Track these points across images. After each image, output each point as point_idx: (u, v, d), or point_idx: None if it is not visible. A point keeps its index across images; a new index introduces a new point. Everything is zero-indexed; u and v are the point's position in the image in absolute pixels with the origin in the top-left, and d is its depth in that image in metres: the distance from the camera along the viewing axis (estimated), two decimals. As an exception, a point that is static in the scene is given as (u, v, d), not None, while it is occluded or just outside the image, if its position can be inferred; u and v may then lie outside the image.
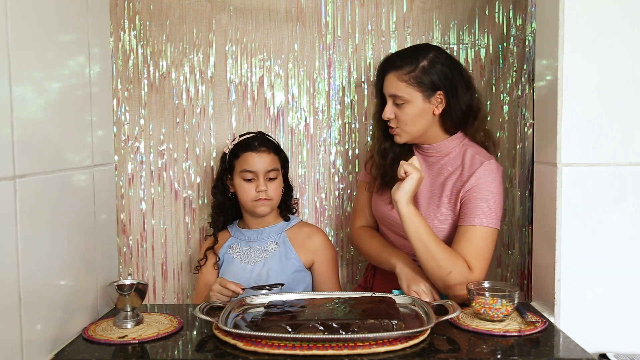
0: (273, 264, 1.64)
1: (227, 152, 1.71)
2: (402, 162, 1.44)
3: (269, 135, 1.74)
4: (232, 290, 1.44)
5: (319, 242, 1.71)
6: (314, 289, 1.70)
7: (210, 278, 1.68)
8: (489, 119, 1.87)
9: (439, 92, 1.50)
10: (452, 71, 1.51)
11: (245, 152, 1.65)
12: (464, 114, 1.54)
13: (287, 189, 1.76)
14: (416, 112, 1.51)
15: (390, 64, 1.53)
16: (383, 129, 1.60)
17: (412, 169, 1.42)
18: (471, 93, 1.55)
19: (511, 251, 1.94)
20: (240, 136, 1.72)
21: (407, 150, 1.60)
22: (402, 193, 1.41)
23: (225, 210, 1.73)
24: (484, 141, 1.59)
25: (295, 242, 1.69)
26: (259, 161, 1.63)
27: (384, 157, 1.60)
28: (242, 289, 1.45)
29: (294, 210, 1.81)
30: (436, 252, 1.41)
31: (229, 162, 1.69)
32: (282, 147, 1.77)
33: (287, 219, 1.74)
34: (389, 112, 1.53)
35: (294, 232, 1.72)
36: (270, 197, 1.64)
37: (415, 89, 1.49)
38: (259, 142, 1.66)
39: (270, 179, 1.65)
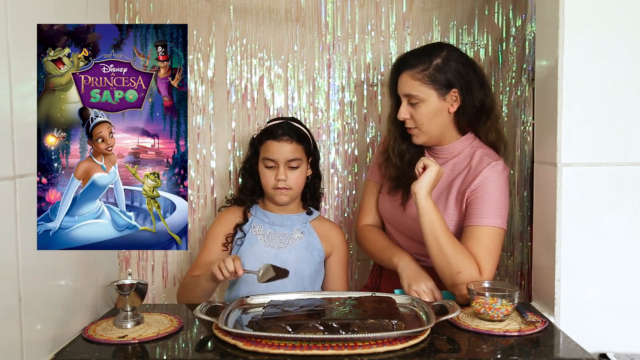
0: (300, 253, 1.64)
1: (254, 137, 1.70)
2: (422, 157, 1.45)
3: (298, 122, 1.69)
4: (234, 272, 1.40)
5: (339, 238, 1.72)
6: (323, 285, 1.70)
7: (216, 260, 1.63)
8: (501, 120, 1.84)
9: (453, 90, 1.49)
10: (465, 68, 1.51)
11: (268, 139, 1.63)
12: (478, 111, 1.53)
13: (315, 177, 1.73)
14: (431, 110, 1.50)
15: (403, 64, 1.52)
16: (400, 130, 1.59)
17: (431, 162, 1.41)
18: (485, 90, 1.55)
19: (511, 252, 1.94)
20: (269, 121, 1.70)
21: (421, 153, 1.60)
22: (422, 185, 1.40)
23: (255, 192, 1.71)
24: (495, 141, 1.58)
25: (319, 234, 1.69)
26: (279, 150, 1.61)
27: (402, 159, 1.59)
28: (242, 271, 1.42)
29: (320, 198, 1.78)
30: (448, 250, 1.40)
31: (255, 147, 1.68)
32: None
33: (309, 213, 1.72)
34: (404, 112, 1.52)
35: (317, 224, 1.71)
36: (290, 187, 1.62)
37: (429, 87, 1.48)
38: (282, 130, 1.63)
39: (292, 168, 1.62)
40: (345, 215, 1.98)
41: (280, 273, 1.43)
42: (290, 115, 1.92)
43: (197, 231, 1.94)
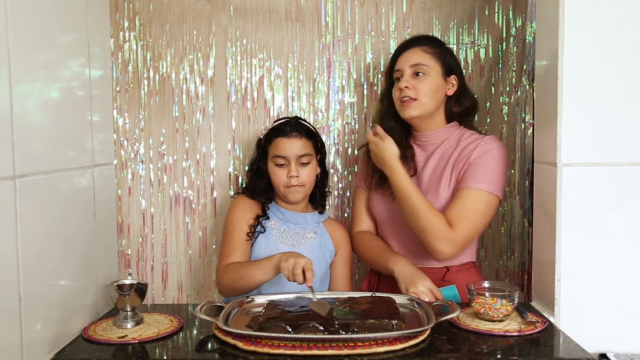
0: (312, 253, 1.63)
1: (261, 137, 1.69)
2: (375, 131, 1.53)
3: (304, 120, 1.70)
4: (302, 281, 1.35)
5: (344, 238, 1.73)
6: (328, 286, 1.70)
7: (247, 249, 1.61)
8: (488, 120, 1.90)
9: (453, 76, 1.58)
10: (460, 68, 1.62)
11: (277, 137, 1.63)
12: (472, 106, 1.61)
13: (323, 175, 1.73)
14: (435, 84, 1.56)
15: (415, 40, 1.61)
16: (388, 109, 1.63)
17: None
18: (471, 93, 1.65)
19: (511, 252, 1.94)
20: (275, 122, 1.70)
21: (407, 134, 1.64)
22: (389, 151, 1.48)
23: (269, 191, 1.69)
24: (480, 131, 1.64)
25: (330, 234, 1.70)
26: (290, 146, 1.61)
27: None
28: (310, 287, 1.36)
29: (328, 194, 1.78)
30: (417, 210, 1.44)
31: (263, 148, 1.68)
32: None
33: (321, 212, 1.72)
34: (406, 80, 1.55)
35: (327, 224, 1.72)
36: (303, 183, 1.62)
37: (438, 62, 1.56)
38: (290, 127, 1.63)
39: (303, 164, 1.62)
40: (345, 215, 1.98)
41: (325, 315, 1.21)
42: (291, 115, 1.92)
43: (197, 231, 1.94)
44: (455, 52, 1.89)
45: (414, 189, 1.47)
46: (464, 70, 1.88)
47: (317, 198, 1.73)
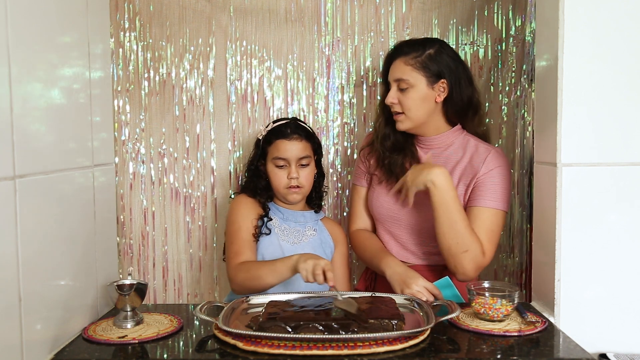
0: (314, 249, 1.63)
1: (260, 138, 1.69)
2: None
3: (302, 122, 1.71)
4: (323, 281, 1.36)
5: (342, 236, 1.74)
6: None
7: (255, 247, 1.61)
8: (488, 120, 1.89)
9: (442, 80, 1.54)
10: (456, 63, 1.56)
11: (278, 139, 1.64)
12: (466, 106, 1.57)
13: (320, 175, 1.75)
14: (419, 96, 1.53)
15: (398, 51, 1.58)
16: (387, 115, 1.63)
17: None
18: (473, 88, 1.60)
19: (511, 251, 1.94)
20: (273, 122, 1.70)
21: (408, 139, 1.62)
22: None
23: (269, 189, 1.69)
24: (484, 135, 1.63)
25: (328, 231, 1.71)
26: (291, 149, 1.62)
27: (384, 142, 1.62)
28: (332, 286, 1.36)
29: (325, 194, 1.79)
30: (461, 229, 1.44)
31: (262, 148, 1.68)
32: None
33: (316, 211, 1.73)
34: (392, 96, 1.56)
35: (325, 222, 1.74)
36: (302, 184, 1.63)
37: (420, 73, 1.53)
38: (291, 129, 1.64)
39: (302, 165, 1.64)
40: (345, 214, 1.98)
41: (355, 312, 1.22)
42: (290, 115, 1.92)
43: (198, 230, 1.94)
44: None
45: (460, 205, 1.46)
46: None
47: (313, 198, 1.74)
